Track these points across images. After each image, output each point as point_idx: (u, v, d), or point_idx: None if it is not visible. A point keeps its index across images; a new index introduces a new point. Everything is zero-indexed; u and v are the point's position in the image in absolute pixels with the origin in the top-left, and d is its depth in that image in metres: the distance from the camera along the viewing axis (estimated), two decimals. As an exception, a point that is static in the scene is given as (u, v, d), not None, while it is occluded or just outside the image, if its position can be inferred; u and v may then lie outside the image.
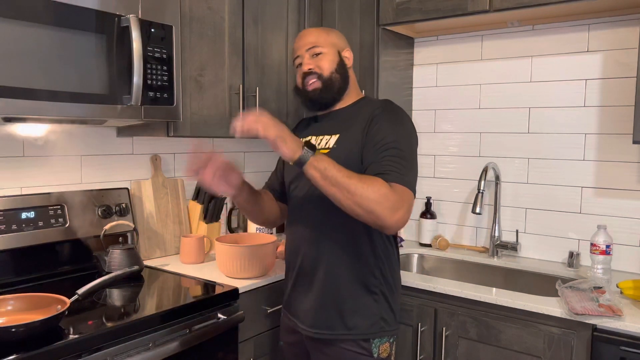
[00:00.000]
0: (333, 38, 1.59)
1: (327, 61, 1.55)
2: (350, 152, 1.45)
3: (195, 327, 1.57)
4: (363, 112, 1.51)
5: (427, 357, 1.90)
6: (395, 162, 1.36)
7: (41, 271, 1.79)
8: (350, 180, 1.29)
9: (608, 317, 1.54)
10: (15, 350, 1.20)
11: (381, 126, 1.42)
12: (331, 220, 1.48)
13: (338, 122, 1.56)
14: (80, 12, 1.51)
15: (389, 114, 1.46)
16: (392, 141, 1.39)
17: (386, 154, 1.37)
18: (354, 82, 1.63)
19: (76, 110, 1.52)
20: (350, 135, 1.48)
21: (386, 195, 1.29)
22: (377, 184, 1.30)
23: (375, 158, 1.38)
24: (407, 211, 1.33)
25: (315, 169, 1.29)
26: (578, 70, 2.13)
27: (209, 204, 2.28)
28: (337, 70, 1.56)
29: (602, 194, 2.11)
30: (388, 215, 1.29)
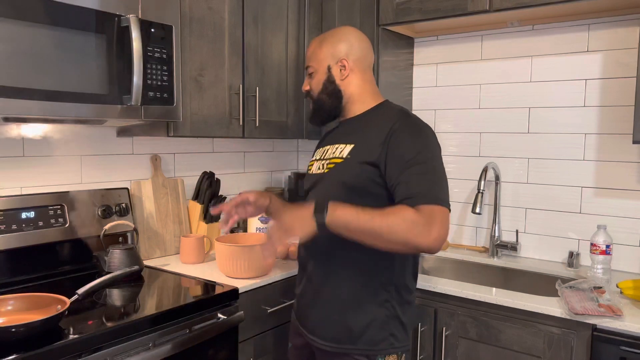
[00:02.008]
0: (324, 51, 1.52)
1: (315, 82, 1.54)
2: (364, 164, 1.40)
3: (195, 327, 1.57)
4: (380, 122, 1.44)
5: (427, 357, 1.90)
6: (419, 180, 1.31)
7: (41, 271, 1.79)
8: (374, 222, 1.26)
9: (608, 317, 1.54)
10: (15, 350, 1.20)
11: (401, 141, 1.36)
12: None
13: (354, 130, 1.50)
14: (80, 12, 1.51)
15: (408, 127, 1.39)
16: (413, 157, 1.33)
17: (410, 172, 1.32)
18: (361, 88, 1.53)
19: (76, 110, 1.52)
20: (366, 147, 1.42)
21: (414, 221, 1.24)
22: (402, 213, 1.26)
23: (401, 179, 1.33)
24: (442, 227, 1.26)
25: (337, 228, 1.28)
26: (578, 70, 2.13)
27: (209, 204, 2.28)
28: (323, 90, 1.53)
29: (602, 194, 2.11)
30: (423, 240, 1.24)
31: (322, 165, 1.51)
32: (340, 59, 1.51)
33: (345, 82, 1.52)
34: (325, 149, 1.55)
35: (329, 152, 1.52)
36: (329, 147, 1.54)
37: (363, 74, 1.53)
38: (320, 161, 1.54)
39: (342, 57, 1.51)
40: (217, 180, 2.32)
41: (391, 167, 1.35)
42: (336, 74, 1.51)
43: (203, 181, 2.29)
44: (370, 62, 1.56)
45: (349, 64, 1.50)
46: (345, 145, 1.48)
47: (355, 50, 1.52)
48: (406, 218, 1.25)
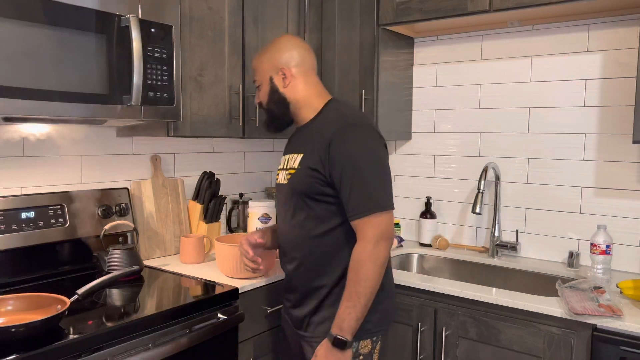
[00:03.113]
0: (265, 64, 1.61)
1: (263, 93, 1.63)
2: (312, 175, 1.49)
3: (195, 327, 1.57)
4: (322, 130, 1.51)
5: (427, 357, 1.90)
6: (354, 194, 1.43)
7: (41, 271, 1.79)
8: (359, 298, 1.41)
9: (608, 317, 1.54)
10: (15, 350, 1.20)
11: (336, 154, 1.44)
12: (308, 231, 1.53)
13: (304, 138, 1.57)
14: (80, 12, 1.51)
15: (343, 137, 1.46)
16: (348, 169, 1.43)
17: (346, 185, 1.44)
18: (306, 91, 1.59)
19: (76, 110, 1.52)
20: (311, 157, 1.51)
21: (363, 255, 1.42)
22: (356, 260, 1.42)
23: (342, 193, 1.45)
24: (377, 231, 1.42)
25: (353, 329, 1.43)
26: (578, 70, 2.13)
27: (209, 204, 2.28)
28: (270, 100, 1.61)
29: (602, 194, 2.11)
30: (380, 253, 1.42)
31: (285, 176, 1.59)
32: (280, 68, 1.58)
33: (289, 89, 1.58)
34: (287, 158, 1.62)
35: (289, 162, 1.60)
36: (289, 156, 1.61)
37: (305, 77, 1.59)
38: (283, 171, 1.62)
39: (282, 66, 1.58)
40: (217, 180, 2.32)
41: (335, 179, 1.46)
42: (279, 83, 1.59)
43: (203, 181, 2.29)
44: (312, 65, 1.62)
45: (290, 72, 1.57)
46: (298, 155, 1.56)
47: (294, 58, 1.58)
48: (361, 259, 1.42)
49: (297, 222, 1.55)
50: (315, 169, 1.48)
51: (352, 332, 1.42)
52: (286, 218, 1.59)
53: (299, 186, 1.52)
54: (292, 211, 1.56)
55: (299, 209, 1.54)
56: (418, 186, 2.59)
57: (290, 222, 1.58)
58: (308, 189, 1.50)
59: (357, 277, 1.41)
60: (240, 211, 2.46)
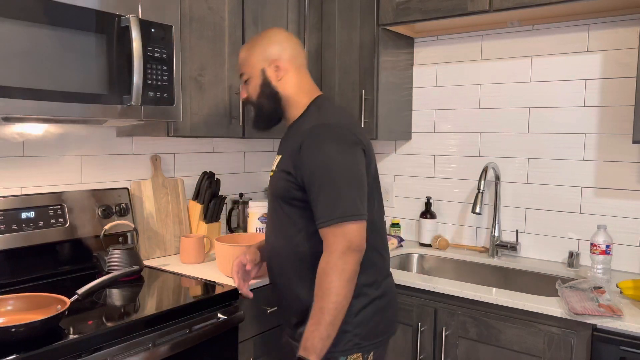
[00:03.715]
0: (256, 56, 1.51)
1: (252, 87, 1.53)
2: (286, 178, 1.43)
3: (195, 327, 1.57)
4: (299, 132, 1.44)
5: (427, 357, 1.90)
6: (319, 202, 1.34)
7: (41, 271, 1.79)
8: (323, 315, 1.30)
9: (608, 317, 1.54)
10: (15, 350, 1.20)
11: (304, 161, 1.37)
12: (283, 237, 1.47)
13: (286, 140, 1.53)
14: (80, 12, 1.51)
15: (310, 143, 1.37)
16: (314, 177, 1.36)
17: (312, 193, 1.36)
18: (298, 87, 1.51)
19: (76, 110, 1.52)
20: (285, 159, 1.45)
21: (325, 274, 1.31)
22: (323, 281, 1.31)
23: (312, 202, 1.37)
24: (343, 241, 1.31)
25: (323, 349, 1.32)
26: (578, 70, 2.13)
27: (209, 204, 2.28)
28: (261, 94, 1.52)
29: (602, 194, 2.11)
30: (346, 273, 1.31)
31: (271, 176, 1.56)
32: (273, 60, 1.49)
33: (281, 82, 1.50)
34: (276, 159, 1.56)
35: (275, 163, 1.54)
36: (277, 157, 1.55)
37: (298, 72, 1.51)
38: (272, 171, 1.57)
39: (275, 58, 1.49)
40: (217, 180, 2.32)
41: (305, 183, 1.38)
42: (271, 76, 1.50)
43: (203, 181, 2.29)
44: (303, 60, 1.55)
45: (283, 64, 1.49)
46: (278, 156, 1.51)
47: (287, 50, 1.50)
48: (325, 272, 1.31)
49: (275, 227, 1.50)
50: (288, 172, 1.41)
51: (317, 352, 1.30)
52: (268, 222, 1.55)
53: (275, 190, 1.47)
54: (271, 215, 1.52)
55: (277, 214, 1.49)
56: (418, 186, 2.59)
57: (270, 226, 1.53)
58: (283, 193, 1.44)
59: (321, 292, 1.31)
60: (240, 211, 2.46)
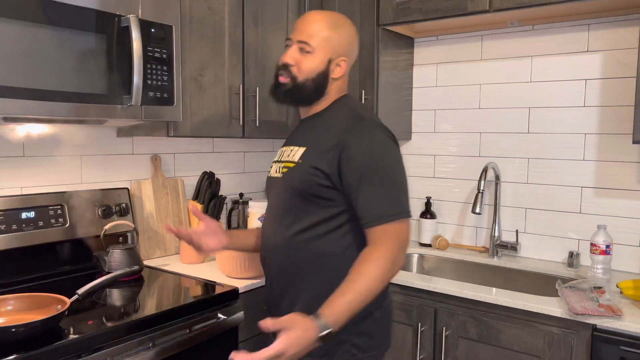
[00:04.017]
0: (334, 41, 1.40)
1: (309, 66, 1.40)
2: (313, 169, 1.34)
3: (195, 327, 1.57)
4: (332, 125, 1.38)
5: (427, 357, 1.90)
6: (371, 198, 1.29)
7: (41, 271, 1.79)
8: (360, 295, 1.23)
9: (608, 317, 1.54)
10: (15, 350, 1.21)
11: (352, 153, 1.31)
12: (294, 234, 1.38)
13: (309, 131, 1.44)
14: (80, 12, 1.51)
15: (358, 135, 1.32)
16: (365, 171, 1.30)
17: (363, 188, 1.30)
18: (337, 89, 1.46)
19: (76, 110, 1.52)
20: (315, 152, 1.37)
21: (379, 259, 1.26)
22: (367, 265, 1.25)
23: (356, 195, 1.31)
24: (397, 243, 1.28)
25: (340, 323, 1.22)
26: (578, 70, 2.13)
27: (209, 204, 2.28)
28: (314, 80, 1.40)
29: (602, 194, 2.11)
30: (394, 265, 1.27)
31: (278, 169, 1.45)
32: (341, 57, 1.42)
33: (333, 79, 1.44)
34: (283, 151, 1.49)
35: (285, 155, 1.46)
36: (286, 148, 1.48)
37: (345, 76, 1.47)
38: (277, 163, 1.48)
39: (344, 56, 1.43)
40: (217, 180, 2.32)
41: (346, 179, 1.32)
42: (332, 70, 1.42)
43: (203, 181, 2.29)
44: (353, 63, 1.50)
45: (344, 66, 1.44)
46: (299, 148, 1.42)
47: (354, 55, 1.47)
48: (373, 265, 1.25)
49: (281, 222, 1.41)
50: (318, 168, 1.33)
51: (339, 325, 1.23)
52: (275, 218, 1.44)
53: (295, 183, 1.37)
54: (281, 211, 1.42)
55: (290, 209, 1.39)
56: (418, 186, 2.59)
57: (273, 221, 1.44)
58: (305, 188, 1.35)
59: (358, 274, 1.24)
60: (240, 211, 2.46)
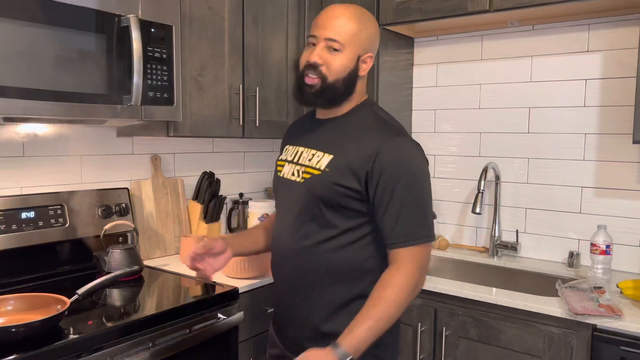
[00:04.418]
0: (362, 37, 1.34)
1: (340, 64, 1.33)
2: (343, 181, 1.30)
3: (195, 327, 1.57)
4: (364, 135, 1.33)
5: (427, 357, 1.90)
6: (404, 219, 1.27)
7: (41, 271, 1.79)
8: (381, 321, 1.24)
9: (608, 317, 1.54)
10: (15, 350, 1.20)
11: (387, 171, 1.27)
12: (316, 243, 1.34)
13: (334, 137, 1.37)
14: (80, 12, 1.51)
15: (395, 153, 1.28)
16: (399, 191, 1.27)
17: (394, 210, 1.27)
18: (361, 89, 1.42)
19: (76, 110, 1.52)
20: (346, 163, 1.31)
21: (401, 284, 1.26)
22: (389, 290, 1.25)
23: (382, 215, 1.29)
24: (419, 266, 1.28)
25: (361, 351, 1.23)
26: (578, 70, 2.13)
27: (209, 204, 2.28)
28: (345, 79, 1.35)
29: (602, 194, 2.11)
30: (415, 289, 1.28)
31: (297, 172, 1.39)
32: (368, 53, 1.37)
33: (362, 77, 1.39)
34: (299, 151, 1.42)
35: (303, 157, 1.39)
36: (304, 150, 1.41)
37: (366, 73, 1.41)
38: (293, 165, 1.41)
39: (371, 52, 1.37)
40: (217, 180, 2.32)
41: (376, 194, 1.29)
42: (361, 67, 1.37)
43: (203, 181, 2.29)
44: None
45: (369, 63, 1.38)
46: (324, 154, 1.35)
47: (376, 48, 1.41)
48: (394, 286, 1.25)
49: (299, 228, 1.36)
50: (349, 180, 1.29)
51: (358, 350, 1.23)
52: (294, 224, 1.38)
53: (322, 192, 1.32)
54: (302, 218, 1.36)
55: (313, 217, 1.34)
56: (418, 186, 2.58)
57: (290, 226, 1.39)
58: (332, 197, 1.31)
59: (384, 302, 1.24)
60: (240, 211, 2.46)
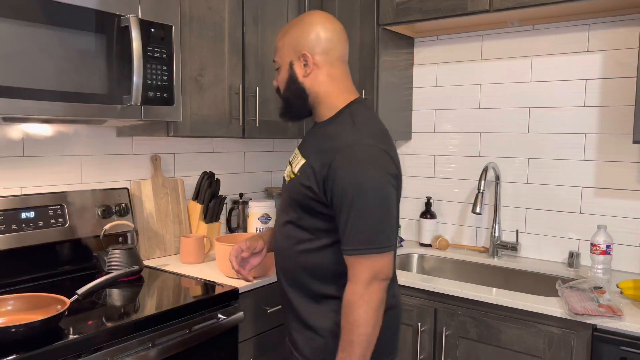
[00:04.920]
0: (287, 45, 1.35)
1: (281, 79, 1.39)
2: (306, 188, 1.31)
3: (195, 327, 1.57)
4: (329, 142, 1.30)
5: (427, 357, 1.90)
6: (349, 228, 1.25)
7: (41, 271, 1.79)
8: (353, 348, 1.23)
9: (608, 317, 1.54)
10: (15, 350, 1.20)
11: (336, 181, 1.25)
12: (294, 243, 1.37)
13: (313, 142, 1.37)
14: (80, 12, 1.51)
15: (345, 163, 1.25)
16: (350, 198, 1.24)
17: (343, 217, 1.25)
18: (328, 86, 1.36)
19: (76, 110, 1.52)
20: (309, 168, 1.32)
21: (353, 305, 1.24)
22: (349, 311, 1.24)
23: (340, 224, 1.27)
24: (373, 278, 1.24)
25: None
26: (578, 70, 2.13)
27: (209, 204, 2.28)
28: (288, 89, 1.37)
29: (602, 194, 2.11)
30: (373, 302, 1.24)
31: (289, 173, 1.41)
32: (302, 54, 1.33)
33: (309, 79, 1.34)
34: (296, 154, 1.43)
35: (295, 160, 1.41)
36: (298, 152, 1.42)
37: (331, 68, 1.34)
38: (289, 166, 1.43)
39: (305, 50, 1.32)
40: (217, 180, 2.32)
41: (334, 202, 1.27)
42: (299, 71, 1.34)
43: (203, 181, 2.29)
44: (341, 54, 1.37)
45: (313, 59, 1.33)
46: (302, 158, 1.37)
47: (321, 42, 1.32)
48: (352, 302, 1.24)
49: (284, 228, 1.41)
50: (309, 187, 1.30)
51: None
52: (279, 222, 1.44)
53: (293, 194, 1.36)
54: (285, 217, 1.41)
55: (290, 218, 1.38)
56: (418, 186, 2.59)
57: (282, 229, 1.43)
58: (302, 201, 1.33)
59: (349, 325, 1.24)
60: (240, 211, 2.46)
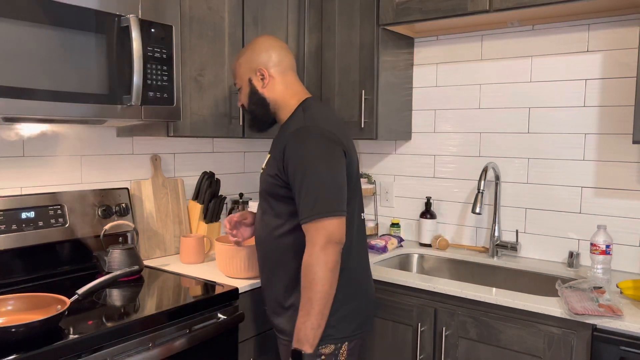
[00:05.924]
0: (243, 66, 1.64)
1: (243, 96, 1.66)
2: (271, 178, 1.55)
3: (195, 327, 1.58)
4: (284, 135, 1.54)
5: (427, 357, 1.90)
6: (301, 200, 1.44)
7: (41, 271, 1.79)
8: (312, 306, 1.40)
9: (608, 317, 1.54)
10: (15, 350, 1.21)
11: (288, 160, 1.48)
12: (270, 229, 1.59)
13: (275, 141, 1.61)
14: (80, 12, 1.51)
15: (292, 144, 1.48)
16: (296, 175, 1.46)
17: (297, 191, 1.46)
18: (283, 92, 1.62)
19: (76, 110, 1.52)
20: (272, 160, 1.56)
21: (312, 259, 1.40)
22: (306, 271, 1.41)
23: (296, 200, 1.47)
24: (323, 235, 1.41)
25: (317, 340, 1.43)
26: (578, 70, 2.13)
27: (209, 204, 2.28)
28: (251, 101, 1.64)
29: (602, 194, 2.11)
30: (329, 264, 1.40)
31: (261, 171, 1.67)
32: (257, 69, 1.61)
33: (267, 89, 1.61)
34: (267, 157, 1.65)
35: (265, 161, 1.65)
36: (268, 155, 1.65)
37: (283, 77, 1.62)
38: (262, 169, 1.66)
39: (260, 67, 1.61)
40: (217, 180, 2.32)
41: (290, 179, 1.49)
42: (257, 84, 1.62)
43: (203, 181, 2.29)
44: (289, 64, 1.64)
45: (268, 72, 1.60)
46: (268, 154, 1.62)
47: (272, 58, 1.61)
48: (309, 264, 1.41)
49: (262, 219, 1.62)
50: (274, 174, 1.53)
51: (310, 342, 1.41)
52: (258, 216, 1.67)
53: (264, 186, 1.60)
54: (260, 210, 1.65)
55: (264, 207, 1.62)
56: (418, 186, 2.59)
57: (260, 221, 1.64)
58: (271, 190, 1.56)
59: (307, 283, 1.41)
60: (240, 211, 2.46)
